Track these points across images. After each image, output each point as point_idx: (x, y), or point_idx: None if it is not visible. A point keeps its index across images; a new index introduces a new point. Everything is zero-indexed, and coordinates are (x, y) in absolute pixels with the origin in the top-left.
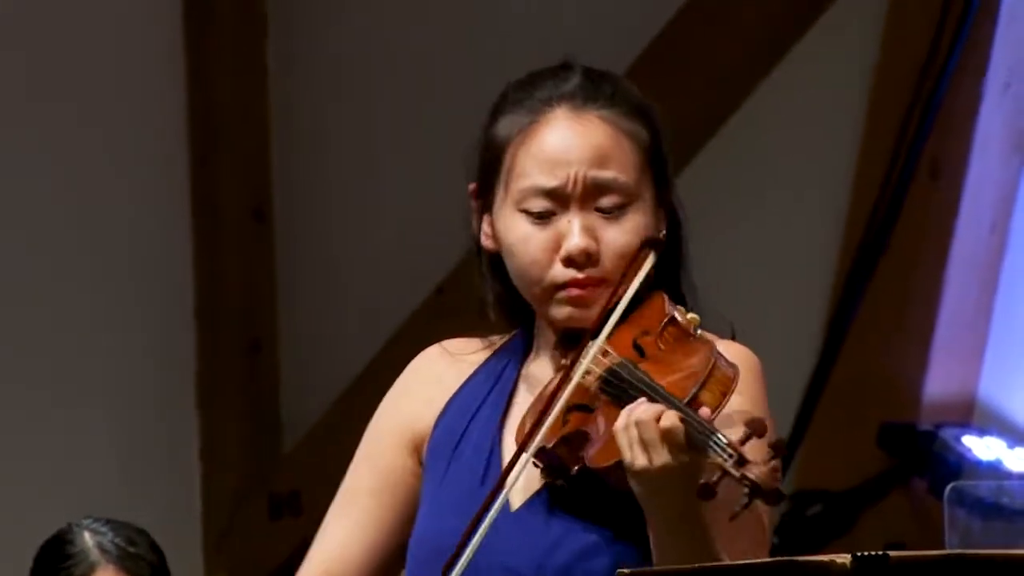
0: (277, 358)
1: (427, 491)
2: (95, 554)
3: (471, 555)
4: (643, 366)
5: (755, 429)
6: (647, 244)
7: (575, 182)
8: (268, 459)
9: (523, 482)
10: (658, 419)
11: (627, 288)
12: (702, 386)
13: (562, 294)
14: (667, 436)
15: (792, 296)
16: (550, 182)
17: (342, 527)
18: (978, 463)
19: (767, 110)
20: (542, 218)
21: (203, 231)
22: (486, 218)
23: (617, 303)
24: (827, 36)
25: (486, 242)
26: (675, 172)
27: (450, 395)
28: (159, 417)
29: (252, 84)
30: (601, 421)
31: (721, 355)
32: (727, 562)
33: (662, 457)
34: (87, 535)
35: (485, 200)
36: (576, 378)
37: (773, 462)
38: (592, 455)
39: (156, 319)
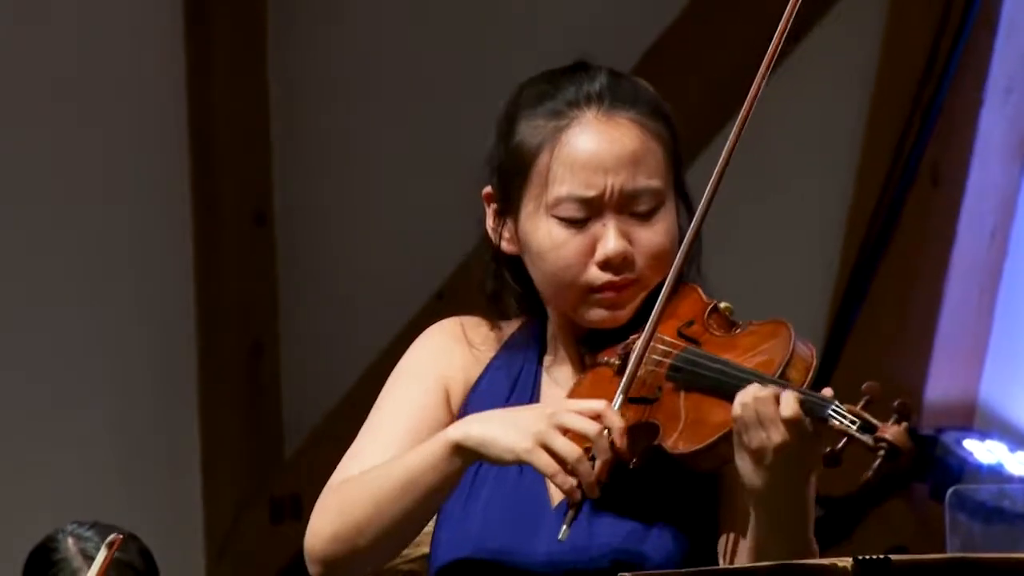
0: (278, 362)
1: (459, 493)
2: (78, 560)
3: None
4: (708, 351)
5: (873, 394)
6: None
7: (612, 191)
8: (269, 463)
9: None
10: (777, 397)
11: (671, 276)
12: (788, 364)
13: (596, 296)
14: (788, 416)
15: (793, 301)
16: (587, 192)
17: (377, 454)
18: (979, 467)
19: (767, 116)
20: (576, 224)
21: (204, 235)
22: (507, 221)
23: (666, 291)
24: (827, 42)
25: (507, 247)
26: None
27: (478, 373)
28: (160, 420)
29: (253, 89)
30: (671, 409)
31: (798, 335)
32: (729, 566)
33: (780, 434)
34: (71, 541)
35: (507, 204)
36: (634, 368)
37: (904, 422)
38: (672, 442)
39: (157, 322)
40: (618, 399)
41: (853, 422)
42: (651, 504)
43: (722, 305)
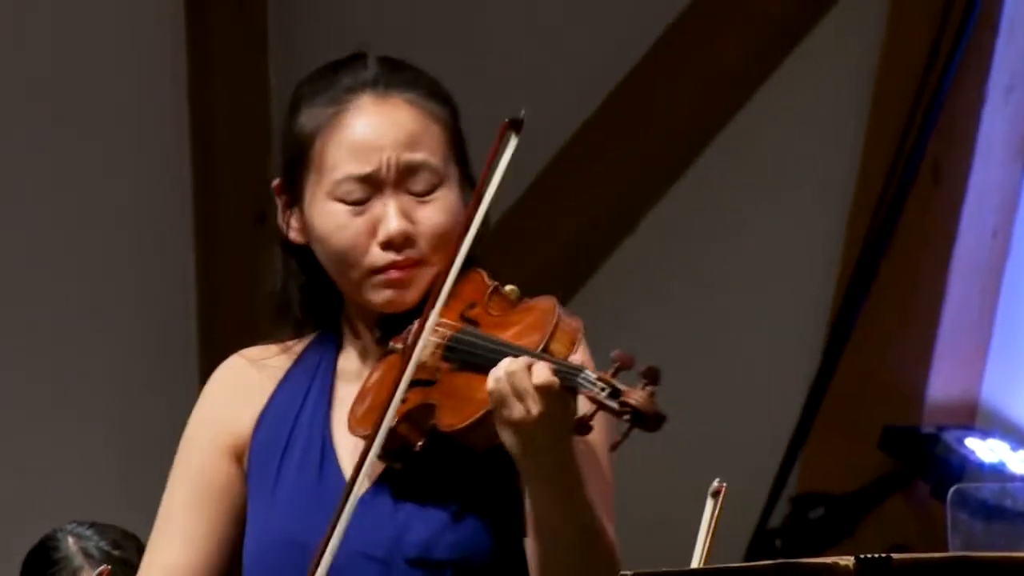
0: None
1: (258, 498)
2: (79, 559)
3: (335, 548)
4: (482, 331)
5: (623, 362)
6: (508, 126)
7: (388, 167)
8: None
9: (365, 469)
10: (529, 368)
11: (455, 262)
12: (551, 337)
13: (381, 277)
14: (540, 383)
15: (794, 300)
16: (363, 168)
17: (172, 550)
18: (981, 466)
19: (768, 114)
20: (357, 204)
21: (205, 235)
22: (294, 213)
23: (446, 277)
24: (828, 40)
25: (295, 236)
26: (677, 175)
27: (264, 402)
28: (160, 421)
29: (253, 88)
30: (447, 389)
31: (563, 309)
32: (729, 564)
33: (538, 405)
34: (71, 540)
35: (291, 194)
36: (417, 353)
37: (650, 387)
38: (446, 421)
39: (158, 320)
40: (401, 386)
41: (602, 389)
42: (446, 490)
43: (506, 288)
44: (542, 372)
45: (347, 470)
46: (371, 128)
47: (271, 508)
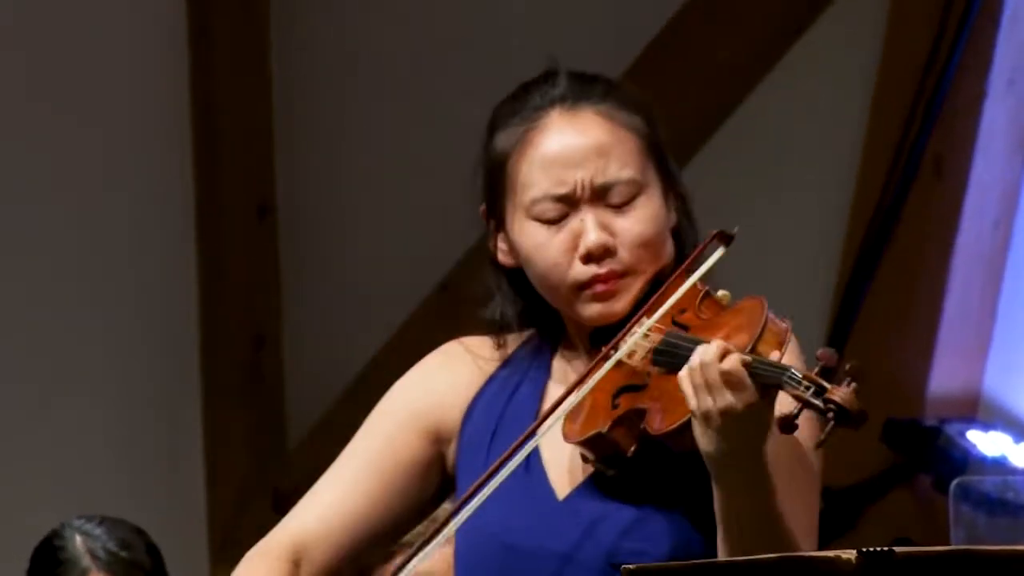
0: (281, 354)
1: (467, 486)
2: (86, 560)
3: (474, 509)
4: (690, 334)
5: (827, 360)
6: (718, 236)
7: (583, 186)
8: (273, 455)
9: (568, 473)
10: (721, 359)
11: (687, 276)
12: (759, 338)
13: (587, 292)
14: (729, 375)
15: (796, 293)
16: (558, 189)
17: (332, 494)
18: (983, 459)
19: (770, 108)
20: (555, 222)
21: (207, 227)
22: (501, 235)
23: (669, 285)
24: (829, 34)
25: (504, 259)
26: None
27: (474, 392)
28: (163, 414)
29: (255, 80)
30: (657, 393)
31: (771, 311)
32: (732, 558)
33: (725, 398)
34: (79, 539)
35: (496, 218)
36: (620, 355)
37: (854, 384)
38: (655, 424)
39: (160, 315)
40: (597, 376)
41: (808, 387)
42: (655, 494)
43: (719, 293)
44: (731, 362)
45: (551, 473)
46: (562, 145)
47: (481, 502)
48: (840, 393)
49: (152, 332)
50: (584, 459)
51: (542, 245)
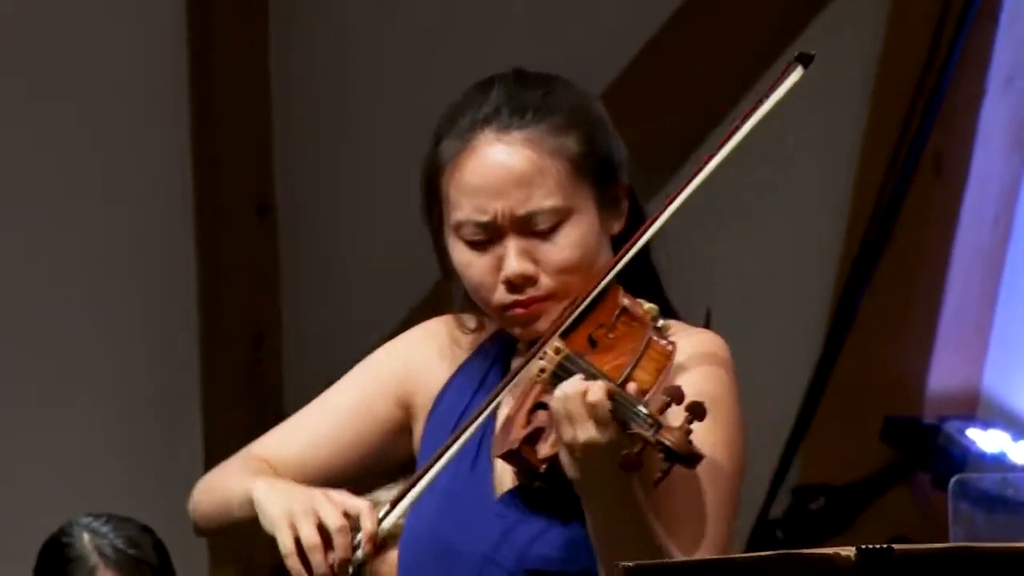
0: (280, 353)
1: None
2: (94, 558)
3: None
4: (590, 357)
5: (673, 396)
6: (797, 59)
7: (503, 216)
8: None
9: (509, 472)
10: (584, 393)
11: (586, 296)
12: (635, 365)
13: (508, 314)
14: (592, 409)
15: (795, 290)
16: (481, 217)
17: (298, 444)
18: (982, 456)
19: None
20: (480, 246)
21: (206, 226)
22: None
23: (576, 304)
24: (829, 32)
25: (447, 262)
26: (679, 165)
27: (445, 380)
28: (161, 413)
29: (255, 79)
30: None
31: (658, 334)
32: (730, 555)
33: (587, 431)
34: (86, 537)
35: (433, 225)
36: (522, 377)
37: (688, 425)
38: (543, 449)
39: (159, 314)
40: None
41: (649, 425)
42: (569, 510)
43: (644, 307)
44: (594, 395)
45: (497, 470)
46: (485, 175)
47: (431, 491)
48: (670, 435)
49: (152, 332)
50: (512, 467)
51: (468, 265)
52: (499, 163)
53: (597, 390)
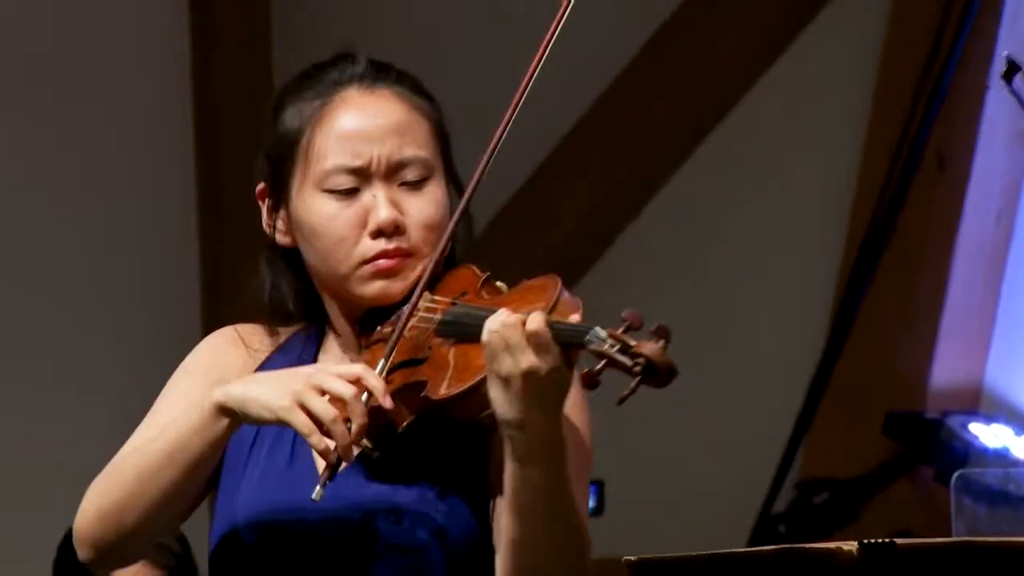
0: None
1: (233, 472)
2: None
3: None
4: (477, 303)
5: (632, 320)
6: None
7: (379, 161)
8: None
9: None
10: (523, 322)
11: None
12: (554, 307)
13: (370, 268)
14: (534, 336)
15: (799, 286)
16: (353, 161)
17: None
18: (985, 451)
19: (772, 101)
20: (347, 195)
21: (209, 229)
22: (280, 214)
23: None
24: (831, 28)
25: (282, 238)
26: (680, 162)
27: (254, 370)
28: None
29: (257, 82)
30: (439, 363)
31: (566, 287)
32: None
33: (529, 359)
34: None
35: (276, 196)
36: (403, 331)
37: (662, 341)
38: (440, 390)
39: (162, 315)
40: (380, 363)
41: (613, 344)
42: (425, 469)
43: (498, 283)
44: (535, 322)
45: (317, 460)
46: (360, 119)
47: (234, 497)
48: (648, 347)
49: (153, 332)
50: None
51: (331, 218)
52: (376, 109)
53: (536, 317)
